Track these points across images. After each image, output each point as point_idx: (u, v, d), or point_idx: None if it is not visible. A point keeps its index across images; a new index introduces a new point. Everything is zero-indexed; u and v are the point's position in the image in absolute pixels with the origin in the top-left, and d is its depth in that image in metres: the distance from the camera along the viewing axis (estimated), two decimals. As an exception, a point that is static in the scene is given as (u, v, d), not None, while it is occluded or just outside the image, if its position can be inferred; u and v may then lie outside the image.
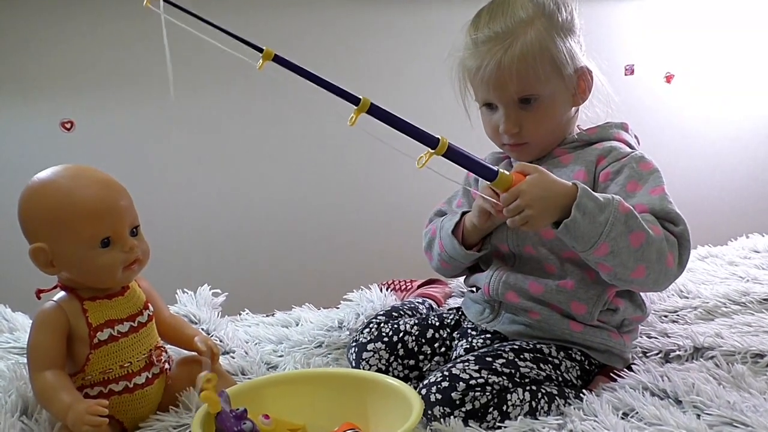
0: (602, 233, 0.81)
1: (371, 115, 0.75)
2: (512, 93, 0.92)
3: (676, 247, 0.86)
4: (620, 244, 0.82)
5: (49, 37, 1.69)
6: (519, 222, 0.82)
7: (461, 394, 0.83)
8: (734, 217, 2.06)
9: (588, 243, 0.82)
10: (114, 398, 0.84)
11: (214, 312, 1.23)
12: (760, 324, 1.08)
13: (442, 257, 1.04)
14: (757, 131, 2.12)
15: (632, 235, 0.82)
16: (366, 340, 1.01)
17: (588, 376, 0.96)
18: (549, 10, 0.93)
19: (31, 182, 0.84)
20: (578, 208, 0.81)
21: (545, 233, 0.95)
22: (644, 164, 0.92)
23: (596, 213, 0.82)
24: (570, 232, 0.82)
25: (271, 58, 0.74)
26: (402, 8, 1.84)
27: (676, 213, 0.88)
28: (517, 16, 0.92)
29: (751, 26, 2.06)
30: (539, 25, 0.92)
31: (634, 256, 0.83)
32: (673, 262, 0.85)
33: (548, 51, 0.92)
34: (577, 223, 0.81)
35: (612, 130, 0.98)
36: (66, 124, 1.73)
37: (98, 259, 0.83)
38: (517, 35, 0.91)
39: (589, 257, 0.85)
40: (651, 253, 0.83)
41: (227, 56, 1.92)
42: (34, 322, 0.85)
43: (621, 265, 0.83)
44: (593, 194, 0.83)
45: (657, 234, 0.84)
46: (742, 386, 0.87)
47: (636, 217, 0.83)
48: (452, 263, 1.04)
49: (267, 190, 1.86)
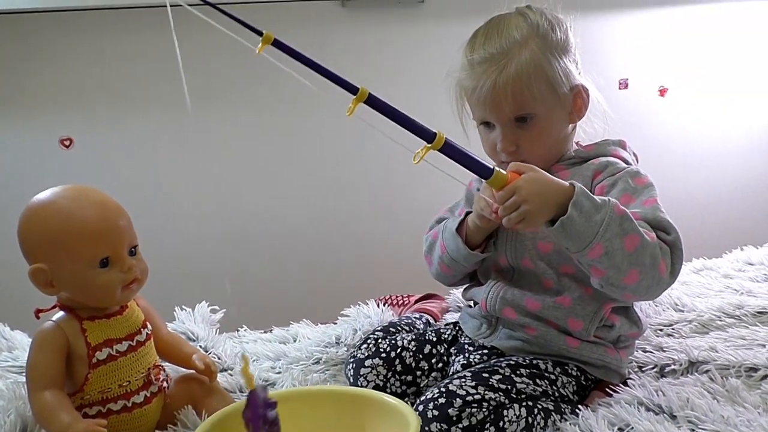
0: (597, 233, 0.81)
1: (369, 105, 0.75)
2: (508, 112, 0.93)
3: (668, 255, 0.86)
4: (615, 246, 0.82)
5: (49, 55, 1.70)
6: (515, 219, 0.82)
7: (458, 411, 0.83)
8: (729, 229, 2.07)
9: (583, 243, 0.82)
10: (113, 417, 0.85)
11: (212, 329, 1.23)
12: (755, 337, 1.08)
13: (443, 260, 1.03)
14: (751, 144, 2.13)
15: (627, 238, 0.82)
16: (364, 356, 1.02)
17: (584, 391, 0.96)
18: (543, 31, 0.94)
19: (31, 203, 0.85)
20: (575, 206, 0.81)
21: (543, 247, 0.96)
22: (639, 179, 0.93)
23: (592, 212, 0.82)
24: (566, 230, 0.82)
25: (270, 42, 0.74)
26: (400, 21, 1.86)
27: (668, 222, 0.88)
28: (511, 37, 0.94)
29: (744, 39, 2.08)
30: (533, 45, 0.93)
31: (628, 259, 0.83)
32: (665, 270, 0.85)
33: (542, 70, 0.93)
34: (573, 221, 0.81)
35: (609, 147, 1.00)
36: (65, 141, 1.74)
37: (97, 279, 0.83)
38: (512, 56, 0.92)
39: (583, 259, 0.84)
40: (645, 258, 0.83)
41: (225, 71, 1.94)
42: (33, 342, 0.85)
43: (614, 267, 0.83)
44: (590, 194, 0.83)
45: (651, 239, 0.84)
46: (736, 400, 0.87)
47: (631, 220, 0.83)
48: (453, 266, 1.03)
49: (264, 207, 1.86)
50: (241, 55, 1.77)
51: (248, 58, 1.75)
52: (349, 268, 1.89)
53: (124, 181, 1.74)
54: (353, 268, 1.89)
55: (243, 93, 1.80)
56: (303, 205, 1.88)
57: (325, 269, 1.89)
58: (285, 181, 1.86)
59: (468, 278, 1.08)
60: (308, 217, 1.88)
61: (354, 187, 1.90)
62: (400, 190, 1.89)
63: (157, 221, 1.78)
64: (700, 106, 2.08)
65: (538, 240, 0.96)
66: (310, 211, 1.88)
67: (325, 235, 1.89)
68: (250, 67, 1.78)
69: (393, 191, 1.90)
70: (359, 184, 1.90)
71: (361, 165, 1.89)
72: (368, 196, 1.91)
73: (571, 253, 0.85)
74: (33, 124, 1.72)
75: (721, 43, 2.06)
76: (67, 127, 1.74)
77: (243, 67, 1.78)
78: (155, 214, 1.78)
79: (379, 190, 1.91)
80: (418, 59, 1.84)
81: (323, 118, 1.84)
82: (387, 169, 1.89)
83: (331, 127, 1.86)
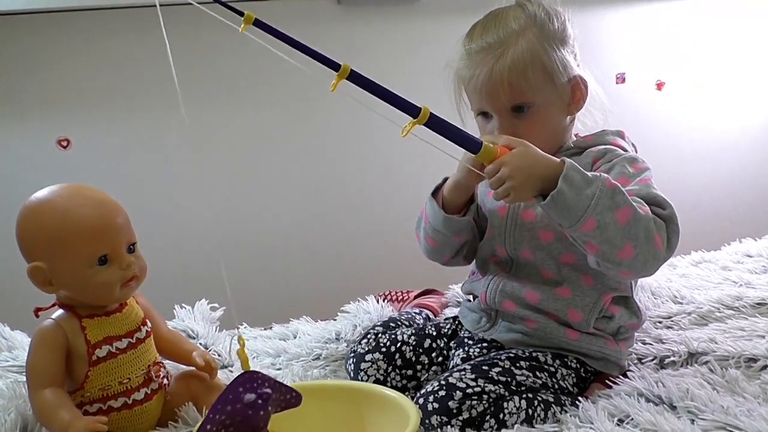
0: (589, 206, 0.81)
1: (352, 81, 0.75)
2: (504, 101, 0.94)
3: (664, 229, 0.86)
4: (607, 219, 0.82)
5: (46, 56, 1.70)
6: (501, 193, 0.83)
7: (458, 403, 0.83)
8: (727, 222, 2.07)
9: (574, 217, 0.82)
10: (113, 415, 0.85)
11: (211, 326, 1.23)
12: (754, 328, 1.08)
13: (427, 232, 1.03)
14: (748, 137, 2.14)
15: (619, 211, 0.82)
16: (364, 351, 1.02)
17: (584, 383, 0.97)
18: (540, 21, 0.95)
19: (29, 202, 0.85)
20: (565, 179, 0.81)
21: (544, 236, 0.96)
22: (636, 165, 0.93)
23: (583, 186, 0.82)
24: (557, 204, 0.82)
25: (251, 22, 0.75)
26: (395, 20, 1.86)
27: (662, 197, 0.88)
28: (509, 27, 0.94)
29: (741, 33, 2.08)
30: (531, 35, 0.93)
31: (621, 233, 0.82)
32: (661, 244, 0.85)
33: (539, 59, 0.93)
34: (563, 195, 0.81)
35: (608, 137, 0.99)
36: (62, 142, 1.74)
37: (96, 276, 0.83)
38: (509, 45, 0.93)
39: (576, 233, 0.84)
40: (638, 231, 0.83)
41: (223, 71, 1.94)
42: (33, 341, 0.85)
43: (608, 242, 0.83)
44: (580, 169, 0.83)
45: (645, 213, 0.84)
46: (735, 391, 0.87)
47: (623, 194, 0.83)
48: (437, 237, 1.02)
49: (263, 204, 1.86)
50: (237, 54, 1.78)
51: (244, 58, 1.77)
52: (348, 265, 1.90)
53: (121, 182, 1.74)
54: (352, 264, 1.90)
55: (241, 92, 1.80)
56: (302, 202, 1.88)
57: (325, 266, 1.89)
58: (284, 179, 1.86)
59: (460, 257, 1.07)
60: (307, 214, 1.88)
61: (353, 184, 1.90)
62: (399, 186, 1.89)
63: (155, 219, 1.78)
64: (697, 100, 2.08)
65: (539, 229, 0.96)
66: (309, 208, 1.88)
67: (325, 231, 1.89)
68: (247, 67, 1.78)
69: (392, 188, 1.90)
70: (358, 181, 1.90)
71: (359, 162, 1.89)
72: (367, 192, 1.91)
73: (564, 229, 0.85)
74: (30, 124, 1.72)
75: (718, 37, 2.06)
76: (65, 128, 1.74)
77: (239, 67, 1.78)
78: (153, 212, 1.78)
79: (378, 186, 1.91)
80: (413, 57, 1.84)
81: (322, 116, 1.84)
82: (386, 165, 1.89)
83: (330, 126, 1.86)
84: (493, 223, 1.01)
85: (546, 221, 0.95)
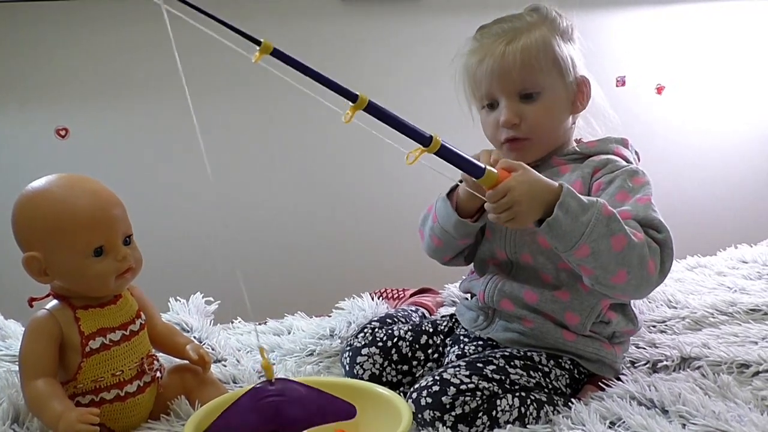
0: (584, 234, 0.82)
1: (368, 112, 0.76)
2: (515, 83, 0.95)
3: (658, 254, 0.86)
4: (601, 246, 0.83)
5: (45, 45, 1.69)
6: (505, 218, 0.83)
7: (451, 399, 0.84)
8: (723, 227, 2.08)
9: (569, 243, 0.83)
10: (105, 406, 0.85)
11: (206, 320, 1.23)
12: (747, 334, 1.09)
13: (434, 231, 1.02)
14: (747, 142, 2.14)
15: (614, 238, 0.83)
16: (360, 345, 1.02)
17: (577, 384, 0.97)
18: (551, 18, 0.98)
19: (25, 191, 0.85)
20: (561, 206, 0.82)
21: (543, 241, 0.96)
22: (636, 179, 0.94)
23: (579, 213, 0.83)
24: (552, 230, 0.83)
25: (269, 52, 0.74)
26: (398, 17, 1.86)
27: (659, 221, 0.88)
28: (523, 20, 0.98)
29: (741, 38, 2.09)
30: (544, 28, 0.97)
31: (615, 259, 0.83)
32: (654, 269, 0.86)
33: (552, 48, 0.96)
34: (559, 222, 0.82)
35: (611, 145, 1.00)
36: (61, 131, 1.74)
37: (91, 268, 0.83)
38: (522, 31, 0.96)
39: (570, 258, 0.85)
40: (632, 258, 0.84)
41: (221, 63, 1.94)
42: (27, 330, 0.85)
43: (602, 268, 0.84)
44: (577, 195, 0.84)
45: (639, 239, 0.85)
46: (727, 396, 0.88)
47: (619, 221, 0.84)
48: (444, 238, 1.01)
49: (260, 199, 1.86)
50: (240, 48, 1.77)
51: (247, 52, 1.76)
52: (344, 262, 1.90)
53: (119, 171, 1.73)
54: (348, 261, 1.90)
55: (243, 85, 1.80)
56: (298, 198, 1.88)
57: (320, 262, 1.89)
58: (281, 175, 1.86)
59: (461, 258, 1.07)
60: (304, 210, 1.88)
61: (350, 180, 1.90)
62: (396, 184, 1.89)
63: (152, 211, 1.77)
64: (697, 104, 2.09)
65: (539, 235, 0.96)
66: (305, 204, 1.88)
67: (321, 227, 1.89)
68: (250, 61, 1.77)
69: (389, 185, 1.90)
70: (355, 178, 1.90)
71: (356, 160, 1.89)
72: (363, 189, 1.91)
73: (559, 252, 0.86)
74: (29, 114, 1.72)
75: (718, 41, 2.07)
76: (63, 117, 1.73)
77: (243, 60, 1.77)
78: (150, 204, 1.78)
79: (375, 183, 1.90)
80: (416, 54, 1.84)
81: (321, 114, 1.83)
82: (382, 164, 1.88)
83: (328, 124, 1.85)
84: (494, 227, 1.01)
85: None
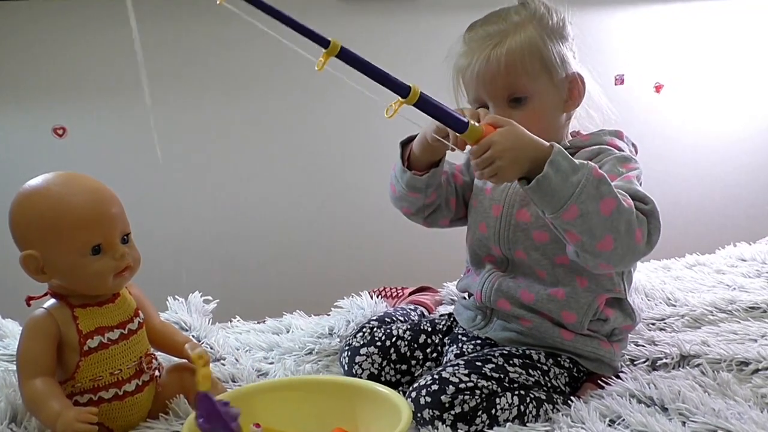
0: (573, 194, 0.80)
1: (342, 59, 0.74)
2: (501, 88, 0.94)
3: (645, 224, 0.85)
4: (590, 209, 0.81)
5: (42, 44, 1.69)
6: (488, 174, 0.82)
7: (450, 398, 0.84)
8: (722, 225, 2.08)
9: (558, 204, 0.81)
10: (104, 406, 0.84)
11: (204, 319, 1.23)
12: (746, 332, 1.09)
13: (391, 177, 1.03)
14: (745, 141, 2.14)
15: (603, 201, 0.81)
16: (359, 345, 1.02)
17: (576, 383, 0.97)
18: (540, 15, 0.96)
19: (23, 189, 0.85)
20: (552, 164, 0.81)
21: (538, 237, 0.96)
22: (627, 165, 0.93)
23: (569, 173, 0.81)
24: (541, 188, 0.81)
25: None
26: (395, 16, 1.86)
27: (643, 193, 0.87)
28: (509, 19, 0.96)
29: (740, 36, 2.08)
30: (530, 27, 0.95)
31: (603, 224, 0.82)
32: (641, 238, 0.85)
33: (538, 50, 0.94)
34: (549, 180, 0.80)
35: (605, 137, 0.99)
36: (58, 130, 1.73)
37: (89, 266, 0.83)
38: (508, 34, 0.94)
39: (557, 221, 0.83)
40: (620, 224, 0.82)
41: (218, 63, 1.93)
42: (24, 329, 0.85)
43: (589, 232, 0.82)
44: (568, 155, 0.83)
45: (629, 205, 0.84)
46: (727, 393, 0.88)
47: (609, 184, 0.82)
48: (396, 186, 1.02)
49: (258, 197, 1.86)
50: (237, 47, 1.77)
51: (244, 50, 1.76)
52: (342, 260, 1.89)
53: (117, 170, 1.73)
54: (347, 259, 1.89)
55: (240, 84, 1.80)
56: (297, 196, 1.87)
57: (319, 260, 1.89)
58: (279, 173, 1.86)
59: (420, 217, 1.06)
60: (302, 209, 1.88)
61: (348, 179, 1.90)
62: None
63: (150, 210, 1.77)
64: (696, 103, 2.09)
65: (534, 230, 0.96)
66: (304, 202, 1.88)
67: (319, 226, 1.89)
68: (247, 59, 1.77)
69: (387, 183, 1.89)
70: (353, 176, 1.89)
71: (355, 159, 1.88)
72: (362, 188, 1.90)
73: (546, 216, 0.84)
74: (26, 113, 1.71)
75: (717, 39, 2.07)
76: (61, 116, 1.73)
77: (239, 59, 1.77)
78: (148, 203, 1.77)
79: (373, 182, 1.89)
80: (414, 52, 1.83)
81: (320, 112, 1.84)
82: (381, 161, 1.87)
83: (327, 122, 1.85)
84: (488, 223, 1.01)
85: (541, 222, 0.94)
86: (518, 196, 0.98)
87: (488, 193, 1.02)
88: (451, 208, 1.07)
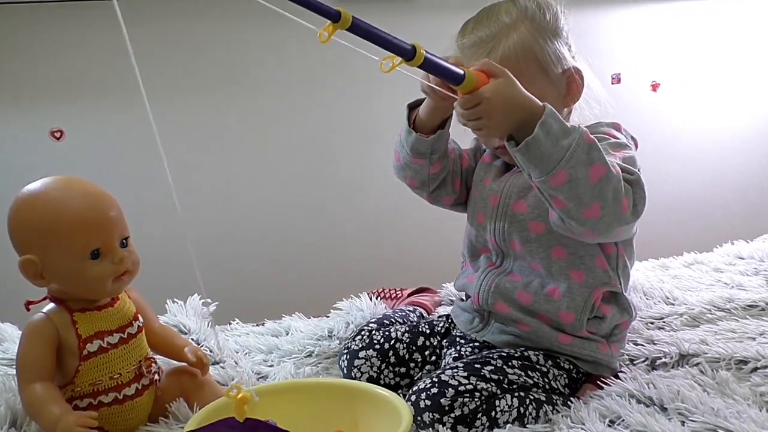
0: (563, 158, 0.79)
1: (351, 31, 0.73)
2: None
3: (630, 193, 0.85)
4: (579, 174, 0.80)
5: (40, 47, 1.68)
6: (473, 126, 0.82)
7: (450, 400, 0.84)
8: (719, 224, 2.08)
9: (547, 167, 0.80)
10: (103, 410, 0.84)
11: (204, 322, 1.23)
12: (745, 330, 1.09)
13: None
14: (742, 139, 2.14)
15: (593, 167, 0.80)
16: (358, 348, 1.02)
17: (575, 384, 0.97)
18: (532, 13, 0.95)
19: (21, 194, 0.85)
20: (543, 126, 0.79)
21: (534, 227, 0.95)
22: (620, 150, 0.92)
23: (560, 136, 0.80)
24: (530, 151, 0.80)
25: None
26: (393, 16, 1.85)
27: (626, 165, 0.87)
28: (500, 21, 0.95)
29: (736, 35, 2.09)
30: (522, 28, 0.94)
31: (591, 190, 0.81)
32: (628, 207, 0.84)
33: (532, 52, 0.93)
34: (539, 142, 0.79)
35: (602, 128, 0.98)
36: (56, 133, 1.73)
37: (88, 270, 0.83)
38: (501, 38, 0.93)
39: (545, 186, 0.82)
40: (608, 191, 0.82)
41: (213, 63, 1.93)
42: (24, 334, 0.85)
43: (576, 199, 0.81)
44: (560, 118, 0.81)
45: (617, 173, 0.83)
46: (726, 392, 0.88)
47: (599, 150, 0.82)
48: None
49: (256, 199, 1.86)
50: (237, 47, 1.77)
51: (244, 50, 1.75)
52: (341, 262, 1.89)
53: (115, 173, 1.72)
54: (346, 261, 1.89)
55: (238, 85, 1.79)
56: (296, 198, 1.87)
57: (318, 262, 1.89)
58: (278, 175, 1.86)
59: (425, 190, 1.05)
60: (301, 211, 1.88)
61: (347, 180, 1.89)
62: (394, 183, 1.87)
63: (148, 213, 1.76)
64: (692, 101, 2.09)
65: (530, 221, 0.96)
66: (303, 204, 1.87)
67: (318, 228, 1.89)
68: (247, 59, 1.77)
69: (387, 185, 1.88)
70: (352, 177, 1.89)
71: (354, 160, 1.88)
72: (361, 189, 1.90)
73: (533, 181, 0.83)
74: (23, 116, 1.71)
75: (714, 38, 2.07)
76: (58, 119, 1.72)
77: (238, 59, 1.77)
78: (146, 206, 1.77)
79: (373, 183, 1.90)
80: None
81: (320, 113, 1.83)
82: (381, 162, 1.87)
83: (327, 124, 1.85)
84: (485, 213, 1.01)
85: (537, 213, 0.94)
86: (516, 187, 0.98)
87: (486, 184, 1.02)
88: (455, 188, 1.06)
